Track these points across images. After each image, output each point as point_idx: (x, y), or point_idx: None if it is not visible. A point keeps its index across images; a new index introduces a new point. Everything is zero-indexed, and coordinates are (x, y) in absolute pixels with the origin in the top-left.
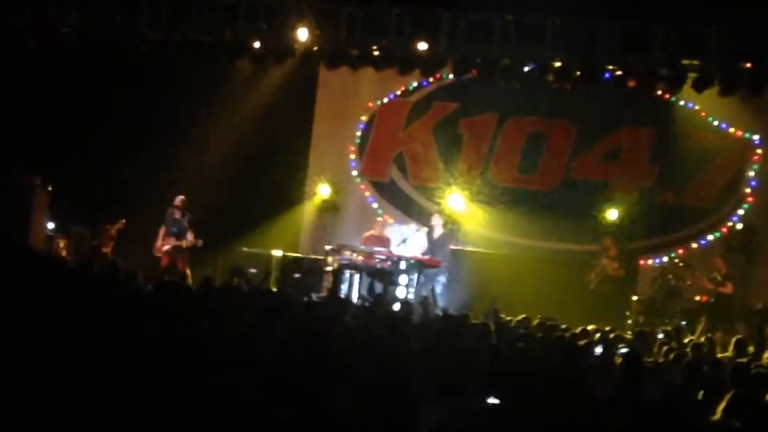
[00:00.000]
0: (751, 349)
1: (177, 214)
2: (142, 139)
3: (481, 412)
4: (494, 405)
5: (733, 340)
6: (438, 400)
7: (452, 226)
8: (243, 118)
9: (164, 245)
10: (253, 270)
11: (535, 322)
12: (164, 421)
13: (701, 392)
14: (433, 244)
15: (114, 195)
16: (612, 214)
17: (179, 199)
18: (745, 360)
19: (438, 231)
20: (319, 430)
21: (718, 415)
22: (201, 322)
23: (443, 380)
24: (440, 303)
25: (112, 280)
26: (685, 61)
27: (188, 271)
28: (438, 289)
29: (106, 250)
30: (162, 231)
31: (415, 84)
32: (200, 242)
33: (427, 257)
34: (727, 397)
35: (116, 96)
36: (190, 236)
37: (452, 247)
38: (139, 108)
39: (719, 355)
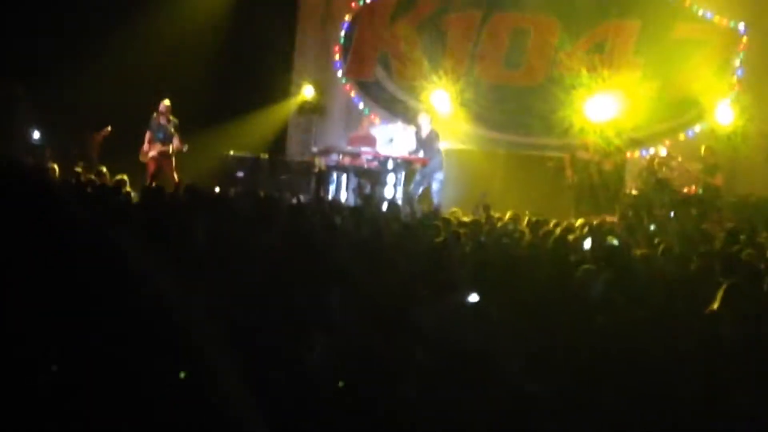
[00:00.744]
0: (742, 238)
1: (162, 120)
2: (123, 45)
3: (467, 309)
4: (477, 302)
5: (724, 230)
6: (426, 299)
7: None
8: (226, 18)
9: (150, 151)
10: (240, 174)
11: (525, 219)
12: (154, 333)
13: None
14: (422, 143)
15: (98, 102)
16: (598, 110)
17: (164, 104)
18: (735, 249)
19: (426, 129)
20: (310, 334)
21: (716, 304)
22: (189, 231)
23: (429, 279)
24: (436, 201)
25: (98, 190)
26: None
27: (176, 176)
28: (435, 186)
29: (93, 156)
30: (148, 136)
31: None
32: (185, 147)
33: (414, 156)
34: (722, 288)
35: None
36: (176, 141)
37: (441, 145)
38: (119, 15)
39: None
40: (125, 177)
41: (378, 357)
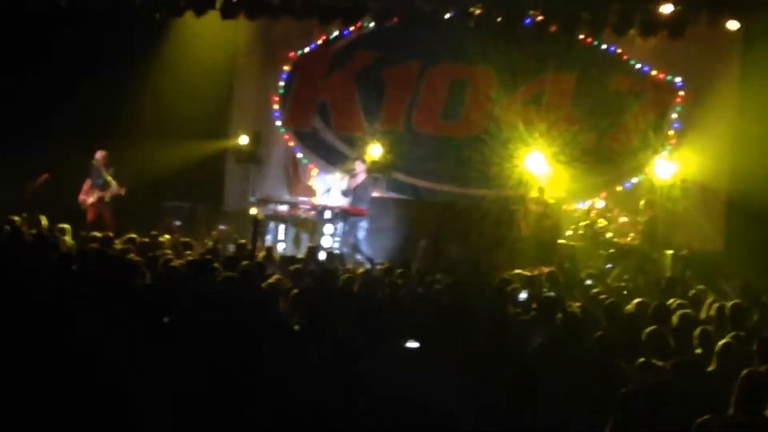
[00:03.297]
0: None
1: (100, 167)
2: (63, 93)
3: (407, 358)
4: (416, 350)
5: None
6: (367, 349)
7: (377, 176)
8: (164, 71)
9: (89, 198)
10: (177, 222)
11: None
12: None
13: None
14: (355, 191)
15: (38, 150)
16: (535, 162)
17: (100, 154)
18: (670, 302)
19: (360, 177)
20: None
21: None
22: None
23: (370, 328)
24: (364, 250)
25: (37, 240)
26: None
27: (113, 223)
28: (360, 235)
29: (30, 205)
30: (86, 184)
31: (336, 33)
32: (123, 191)
33: (351, 206)
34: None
35: (38, 51)
36: (114, 187)
37: (376, 194)
38: (60, 63)
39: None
40: (67, 226)
41: (320, 408)
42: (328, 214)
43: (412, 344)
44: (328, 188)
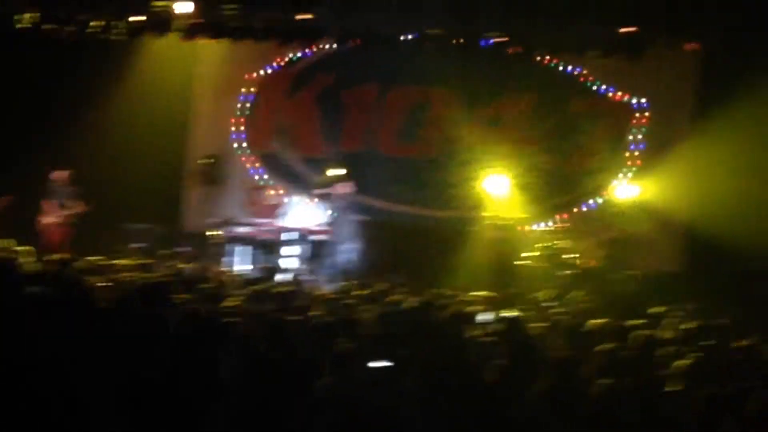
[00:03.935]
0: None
1: (59, 187)
2: (19, 118)
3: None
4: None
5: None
6: (328, 370)
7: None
8: (120, 93)
9: (48, 218)
10: (136, 245)
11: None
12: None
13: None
14: (337, 214)
15: None
16: (494, 183)
17: (59, 174)
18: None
19: (345, 198)
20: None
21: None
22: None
23: (331, 350)
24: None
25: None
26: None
27: (70, 245)
28: (345, 257)
29: None
30: (46, 204)
31: (298, 54)
32: (86, 208)
33: (314, 227)
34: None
35: None
36: (75, 206)
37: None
38: (15, 88)
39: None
40: (26, 248)
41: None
42: (288, 236)
43: (377, 364)
44: (287, 210)
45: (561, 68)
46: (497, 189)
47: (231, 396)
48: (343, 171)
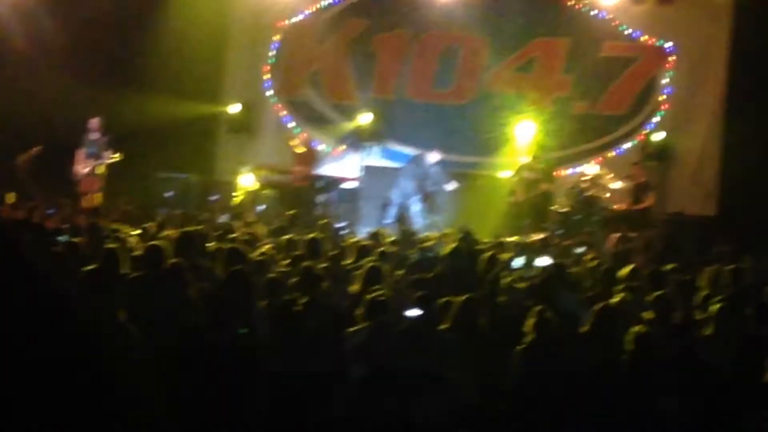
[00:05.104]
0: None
1: (93, 136)
2: (55, 64)
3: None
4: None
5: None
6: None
7: (369, 143)
8: (154, 42)
9: (84, 168)
10: (169, 194)
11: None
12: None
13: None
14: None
15: (31, 121)
16: (526, 129)
17: (93, 120)
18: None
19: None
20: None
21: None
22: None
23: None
24: (418, 223)
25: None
26: None
27: (98, 197)
28: (414, 208)
29: (24, 180)
30: (80, 154)
31: (327, 1)
32: (118, 156)
33: (342, 176)
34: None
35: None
36: (107, 155)
37: (368, 163)
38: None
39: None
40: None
41: (311, 376)
42: (321, 183)
43: (412, 313)
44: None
45: (592, 13)
46: (529, 134)
47: (262, 349)
48: (371, 117)
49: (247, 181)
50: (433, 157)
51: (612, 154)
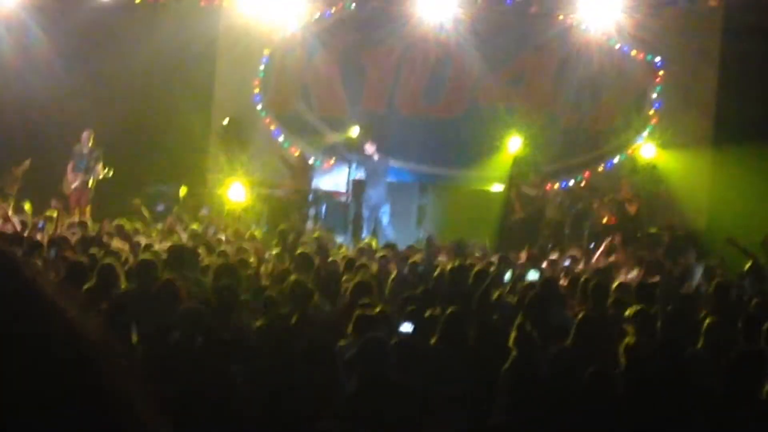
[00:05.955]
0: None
1: (84, 149)
2: (48, 80)
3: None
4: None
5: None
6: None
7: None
8: (146, 56)
9: (74, 181)
10: (160, 207)
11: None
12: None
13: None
14: (371, 172)
15: (19, 136)
16: (516, 142)
17: (85, 134)
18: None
19: (375, 158)
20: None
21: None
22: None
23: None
24: (388, 236)
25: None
26: None
27: (87, 210)
28: (385, 220)
29: (11, 192)
30: (70, 166)
31: (317, 15)
32: (110, 172)
33: (332, 189)
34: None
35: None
36: (98, 170)
37: (356, 177)
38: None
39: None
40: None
41: (302, 389)
42: (311, 196)
43: (406, 328)
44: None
45: (582, 27)
46: (519, 149)
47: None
48: (363, 130)
49: (237, 195)
50: (369, 148)
51: (601, 168)
